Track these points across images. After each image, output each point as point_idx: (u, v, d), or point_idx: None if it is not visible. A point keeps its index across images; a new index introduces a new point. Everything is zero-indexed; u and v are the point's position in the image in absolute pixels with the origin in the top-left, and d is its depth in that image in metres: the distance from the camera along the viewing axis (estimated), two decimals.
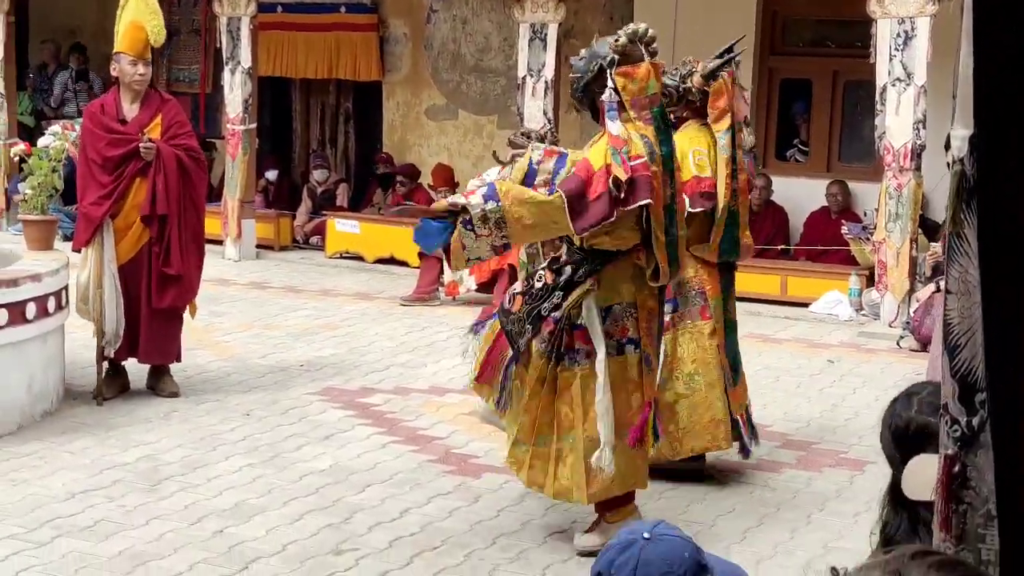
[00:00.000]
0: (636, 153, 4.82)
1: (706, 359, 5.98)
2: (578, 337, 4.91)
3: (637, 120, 4.91)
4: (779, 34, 12.16)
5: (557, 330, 4.92)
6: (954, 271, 1.85)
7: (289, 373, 7.93)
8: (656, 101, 4.99)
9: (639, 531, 2.62)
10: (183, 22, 14.93)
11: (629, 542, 2.59)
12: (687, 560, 2.56)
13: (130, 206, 7.06)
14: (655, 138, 4.94)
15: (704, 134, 6.08)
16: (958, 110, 1.83)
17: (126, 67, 7.04)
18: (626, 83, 4.90)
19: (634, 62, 4.95)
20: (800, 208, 11.64)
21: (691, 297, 6.01)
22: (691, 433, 5.97)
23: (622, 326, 4.96)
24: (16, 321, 6.44)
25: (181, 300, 7.26)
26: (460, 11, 13.42)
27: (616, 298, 4.95)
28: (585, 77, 4.97)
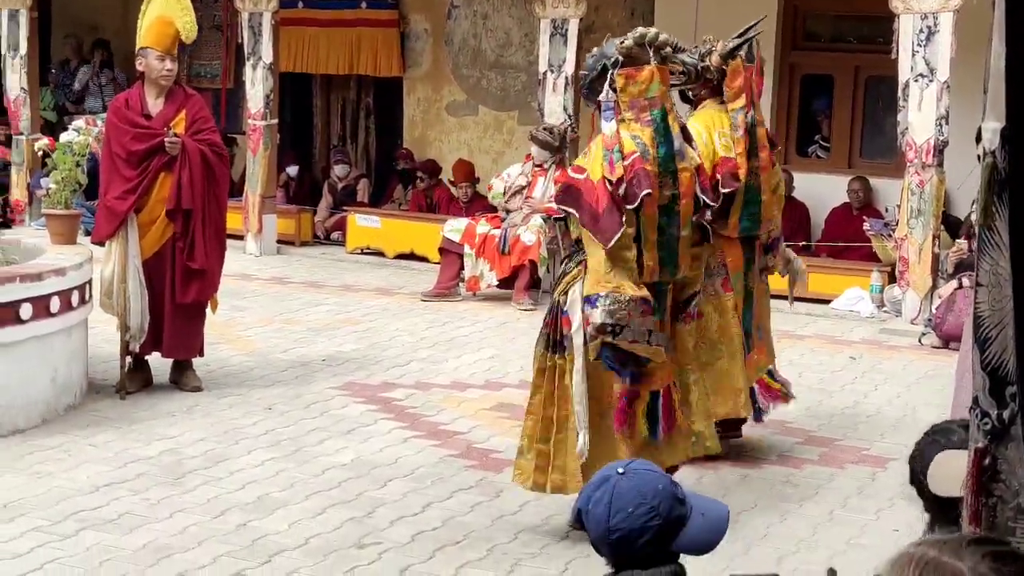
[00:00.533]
0: (629, 150, 4.89)
1: (728, 331, 6.16)
2: (564, 324, 4.99)
3: (633, 122, 4.97)
4: (800, 29, 12.13)
5: (552, 318, 5.03)
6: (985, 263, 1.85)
7: (311, 368, 7.95)
8: (657, 104, 5.01)
9: (615, 467, 2.68)
10: (205, 18, 14.91)
11: (605, 478, 2.66)
12: (661, 492, 2.61)
13: (154, 201, 7.09)
14: (651, 140, 4.98)
15: (723, 114, 6.17)
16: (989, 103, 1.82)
17: (153, 62, 7.07)
18: (627, 84, 4.97)
19: (638, 65, 4.98)
20: (821, 204, 11.62)
21: (714, 269, 6.14)
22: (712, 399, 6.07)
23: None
24: (40, 315, 6.47)
25: (204, 295, 7.29)
26: (481, 7, 13.43)
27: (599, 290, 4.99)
28: (591, 75, 5.08)
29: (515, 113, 13.32)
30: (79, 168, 7.42)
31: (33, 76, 13.47)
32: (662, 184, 5.01)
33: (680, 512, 2.63)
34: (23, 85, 13.29)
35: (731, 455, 6.42)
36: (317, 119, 14.78)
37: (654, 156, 4.97)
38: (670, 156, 5.00)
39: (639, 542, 2.59)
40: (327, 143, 14.70)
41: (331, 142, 14.65)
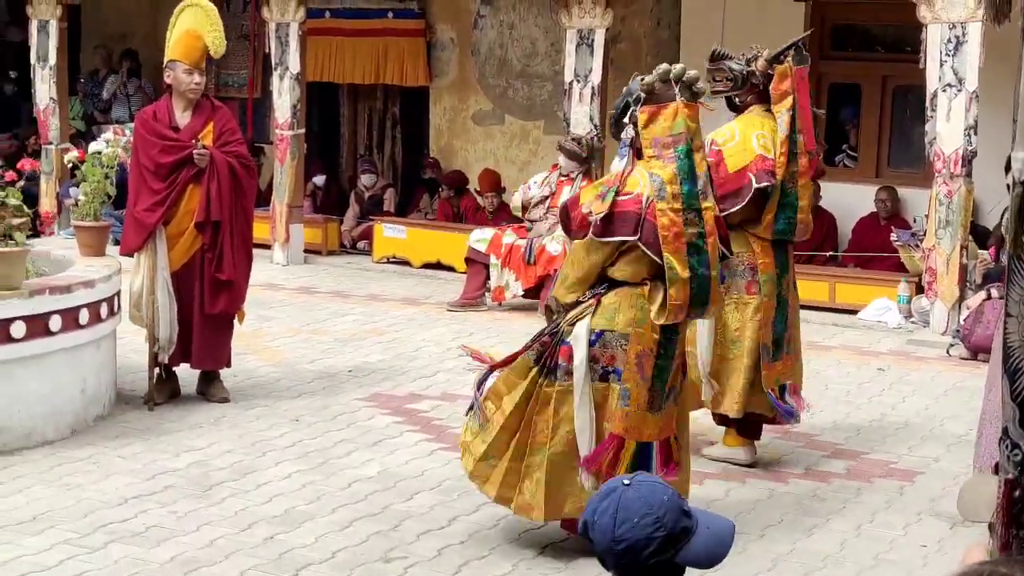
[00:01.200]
0: (629, 190, 4.91)
1: (745, 331, 6.22)
2: (563, 353, 4.94)
3: (656, 159, 4.94)
4: (828, 39, 12.10)
5: (551, 345, 4.98)
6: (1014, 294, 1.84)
7: (337, 379, 7.97)
8: (682, 140, 4.95)
9: (620, 479, 2.69)
10: (232, 27, 14.97)
11: (611, 489, 2.66)
12: (667, 503, 2.61)
13: (183, 213, 7.13)
14: (672, 177, 4.92)
15: (767, 119, 6.24)
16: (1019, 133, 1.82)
17: (181, 75, 7.11)
18: (649, 122, 4.94)
19: (662, 102, 4.96)
20: (849, 214, 11.58)
21: (739, 272, 6.23)
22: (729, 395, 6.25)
23: (610, 354, 4.97)
24: (70, 327, 6.52)
25: (232, 306, 7.32)
26: (507, 16, 13.45)
27: (610, 325, 4.96)
28: (616, 113, 5.13)
29: (541, 123, 13.33)
30: (108, 180, 7.46)
31: (62, 86, 13.54)
32: (687, 222, 4.95)
33: (686, 524, 2.63)
34: (52, 95, 13.37)
35: (758, 468, 6.41)
36: (344, 128, 14.83)
37: (675, 193, 4.92)
38: (694, 194, 4.94)
39: (644, 553, 2.59)
40: (354, 152, 14.74)
41: (358, 151, 14.69)
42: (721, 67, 6.27)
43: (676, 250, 4.90)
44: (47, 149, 13.43)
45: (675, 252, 4.90)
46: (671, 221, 4.91)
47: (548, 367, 4.98)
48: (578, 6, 10.89)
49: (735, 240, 6.12)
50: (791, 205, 6.21)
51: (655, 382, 5.04)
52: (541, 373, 4.99)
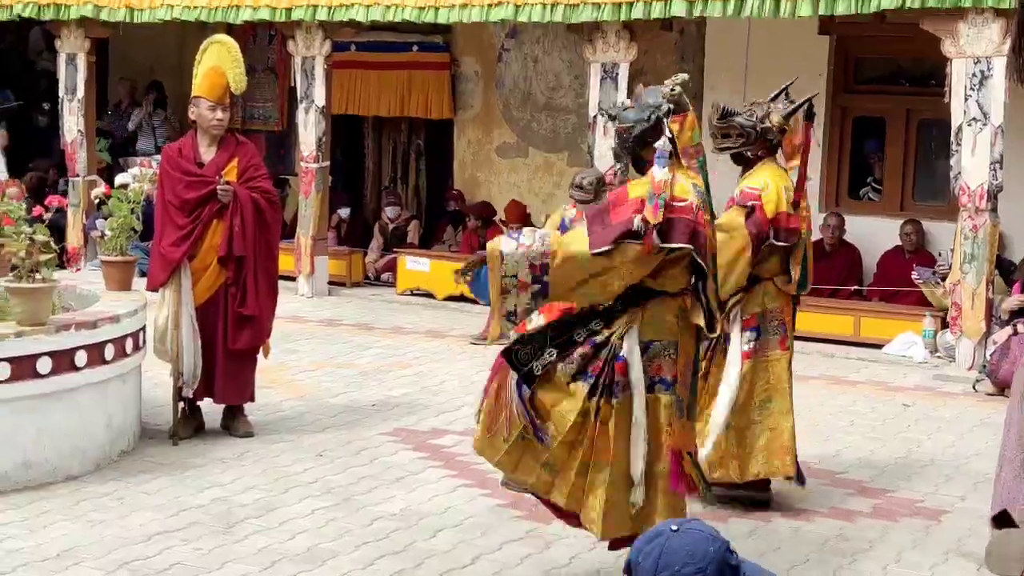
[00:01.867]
0: (679, 195, 4.78)
1: (780, 387, 6.17)
2: (619, 369, 4.81)
3: (689, 169, 4.91)
4: (852, 72, 12.09)
5: (604, 361, 4.81)
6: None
7: (361, 413, 7.97)
8: (700, 152, 4.97)
9: (669, 523, 2.65)
10: (258, 61, 15.16)
11: (658, 532, 2.63)
12: (711, 554, 2.57)
13: (207, 248, 7.16)
14: (705, 187, 4.92)
15: (782, 172, 6.24)
16: None
17: (205, 112, 7.15)
18: (679, 132, 4.88)
19: (683, 111, 4.93)
20: (874, 247, 11.54)
21: (772, 328, 6.19)
22: (757, 458, 6.17)
23: (657, 364, 4.86)
24: (95, 362, 6.53)
25: (256, 340, 7.34)
26: (531, 50, 13.49)
27: (657, 335, 4.84)
28: (636, 128, 4.90)
29: (565, 155, 13.35)
30: (134, 215, 7.49)
31: (90, 119, 13.66)
32: (712, 231, 4.98)
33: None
34: (80, 128, 13.48)
35: (782, 507, 6.36)
36: (368, 160, 14.90)
37: (708, 203, 4.95)
38: (710, 203, 5.00)
39: None
40: (378, 185, 14.80)
41: (382, 183, 14.75)
42: (732, 124, 6.25)
43: (712, 263, 4.91)
44: (74, 182, 13.53)
45: (711, 265, 4.89)
46: (712, 233, 4.95)
47: (604, 385, 4.81)
48: (602, 40, 10.92)
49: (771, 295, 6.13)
50: (806, 257, 6.25)
51: (694, 391, 5.06)
52: (596, 392, 4.82)
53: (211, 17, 12.41)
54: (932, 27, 9.51)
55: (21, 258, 6.30)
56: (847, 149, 12.12)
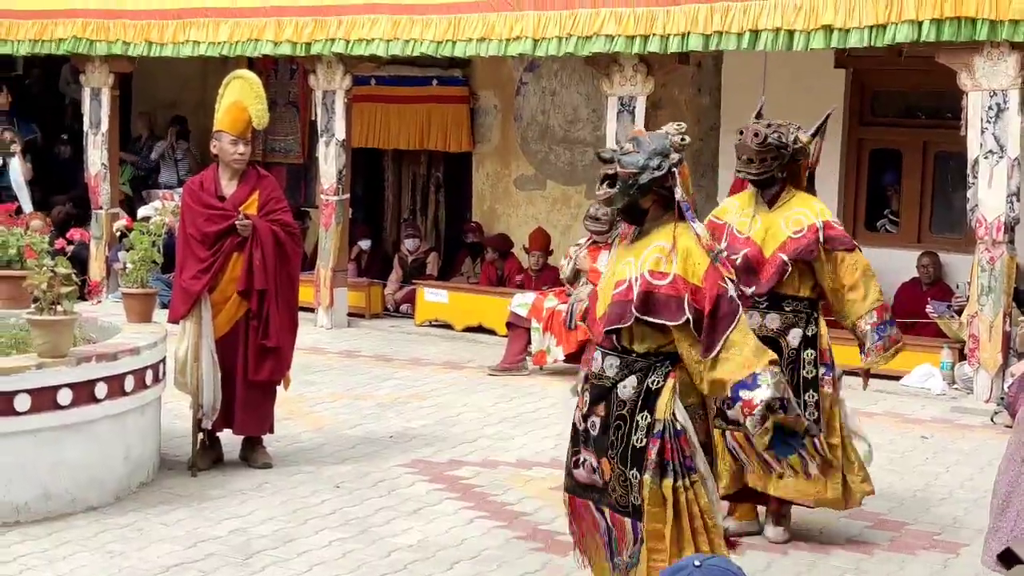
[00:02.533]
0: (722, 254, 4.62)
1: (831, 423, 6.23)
2: (684, 443, 4.45)
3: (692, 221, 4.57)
4: (868, 105, 12.09)
5: (668, 441, 4.44)
6: None
7: (379, 444, 7.96)
8: (692, 204, 4.62)
9: (693, 559, 2.62)
10: (280, 94, 15.24)
11: (680, 567, 2.59)
12: None
13: (227, 280, 7.18)
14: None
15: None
16: None
17: (226, 146, 7.19)
18: (682, 183, 4.54)
19: (683, 161, 4.63)
20: (890, 279, 11.46)
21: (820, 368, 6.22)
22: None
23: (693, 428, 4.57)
24: (115, 394, 6.55)
25: (278, 372, 7.34)
26: (549, 83, 13.53)
27: (687, 399, 4.54)
28: (644, 176, 4.49)
29: (582, 187, 13.35)
30: (155, 248, 7.53)
31: (114, 152, 13.76)
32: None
33: None
34: (103, 161, 13.56)
35: (800, 540, 6.31)
36: (388, 193, 14.93)
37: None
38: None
39: None
40: (398, 217, 14.83)
41: (401, 216, 14.78)
42: (769, 146, 6.08)
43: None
44: (97, 214, 13.61)
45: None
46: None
47: (680, 465, 4.45)
48: (619, 74, 10.94)
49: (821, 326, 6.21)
50: None
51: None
52: (666, 476, 4.43)
53: (232, 51, 12.50)
54: (948, 60, 9.51)
55: (43, 290, 6.33)
56: (864, 181, 12.09)
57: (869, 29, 9.43)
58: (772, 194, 6.23)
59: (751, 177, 6.19)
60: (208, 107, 7.94)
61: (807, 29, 9.67)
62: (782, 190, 6.21)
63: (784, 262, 6.06)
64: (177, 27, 12.69)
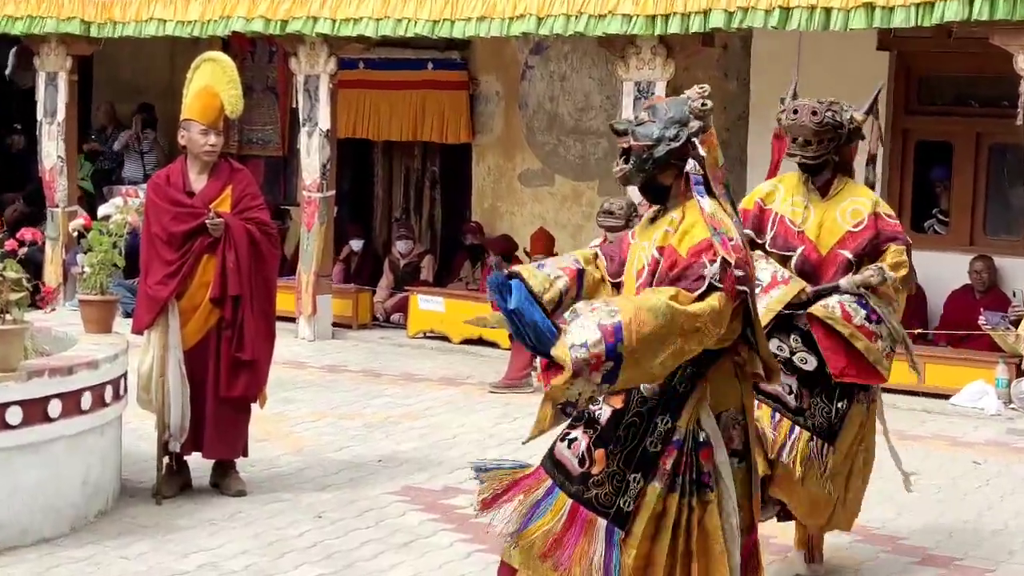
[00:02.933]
0: (729, 235, 4.45)
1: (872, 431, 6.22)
2: (704, 457, 4.45)
3: (721, 197, 4.56)
4: (915, 92, 12.09)
5: (686, 454, 4.43)
6: None
7: (366, 469, 7.97)
8: (725, 175, 4.62)
9: None
10: (257, 79, 15.28)
11: None
12: None
13: (197, 285, 7.18)
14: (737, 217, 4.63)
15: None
16: None
17: (196, 136, 7.20)
18: (708, 153, 4.50)
19: (708, 128, 4.56)
20: (939, 286, 11.48)
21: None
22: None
23: (728, 436, 4.56)
24: (71, 412, 6.55)
25: (253, 388, 7.35)
26: (558, 67, 13.55)
27: (724, 404, 4.54)
28: (660, 147, 4.48)
29: (595, 183, 13.37)
30: (116, 249, 7.53)
31: (71, 144, 13.78)
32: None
33: None
34: (60, 154, 13.59)
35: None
36: (378, 189, 14.96)
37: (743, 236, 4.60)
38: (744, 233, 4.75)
39: None
40: (388, 216, 14.86)
41: (393, 215, 14.80)
42: (827, 125, 6.06)
43: (755, 304, 4.59)
44: (52, 212, 13.63)
45: (755, 307, 4.58)
46: (753, 270, 4.66)
47: (691, 482, 4.43)
48: (636, 56, 10.95)
49: None
50: None
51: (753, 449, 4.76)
52: (683, 493, 4.43)
53: (204, 31, 12.51)
54: (1003, 41, 9.51)
55: None
56: (909, 177, 12.09)
57: (916, 7, 9.44)
58: (824, 180, 6.18)
59: (808, 161, 6.12)
60: (177, 93, 7.95)
61: (846, 7, 9.68)
62: (834, 177, 6.18)
63: (849, 261, 6.05)
64: (141, 4, 12.71)
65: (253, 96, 15.22)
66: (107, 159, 15.51)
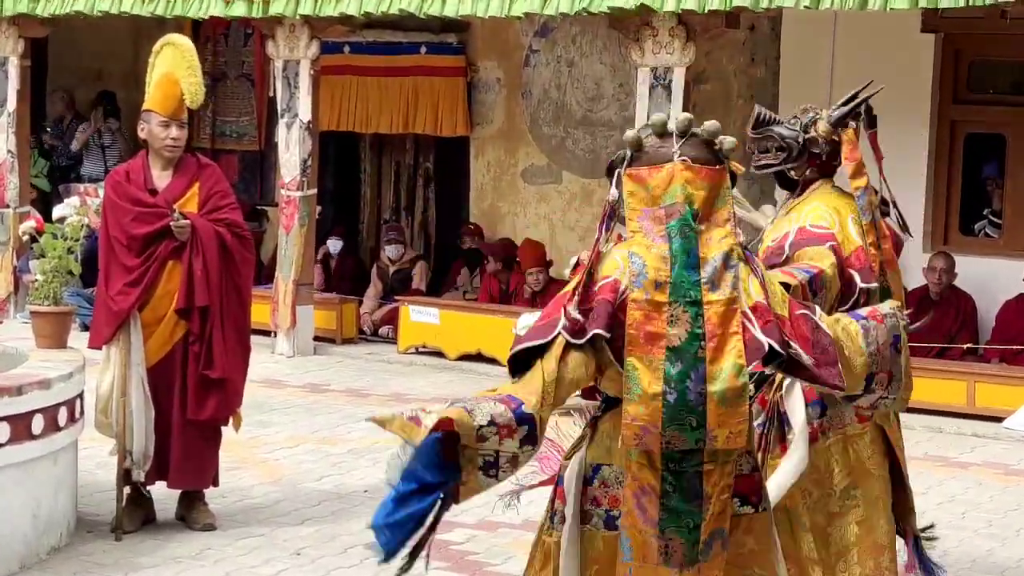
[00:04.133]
0: (605, 274, 4.47)
1: (865, 469, 6.00)
2: (559, 496, 4.61)
3: (640, 235, 4.49)
4: (964, 78, 12.08)
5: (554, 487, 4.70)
6: None
7: (350, 501, 7.96)
8: (675, 214, 4.48)
9: None
10: (232, 65, 15.32)
11: None
12: None
13: (161, 295, 7.18)
14: (660, 259, 4.47)
15: (845, 198, 6.16)
16: None
17: (156, 129, 7.20)
18: (635, 188, 4.48)
19: (654, 162, 4.51)
20: (992, 296, 11.48)
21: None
22: (846, 560, 5.96)
23: (612, 495, 4.54)
24: (20, 437, 6.54)
25: (224, 410, 7.35)
26: (566, 52, 13.56)
27: (607, 458, 4.54)
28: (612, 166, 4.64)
29: (607, 180, 13.32)
30: (71, 255, 7.53)
31: (23, 137, 13.81)
32: (672, 319, 4.59)
33: None
34: (10, 148, 13.61)
35: None
36: (365, 188, 14.98)
37: (659, 281, 4.44)
38: (692, 282, 4.49)
39: None
40: (377, 218, 14.87)
41: (382, 216, 14.81)
42: (769, 134, 6.12)
43: (646, 355, 4.44)
44: (3, 213, 13.64)
45: (643, 357, 4.45)
46: (645, 317, 4.44)
47: (551, 511, 4.65)
48: (652, 40, 10.93)
49: None
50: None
51: (667, 529, 4.55)
52: (548, 519, 4.65)
53: (169, 11, 12.44)
54: None
55: None
56: (958, 174, 12.08)
57: None
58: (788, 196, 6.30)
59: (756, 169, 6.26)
60: (140, 79, 7.97)
61: None
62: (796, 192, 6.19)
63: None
64: None
65: (226, 83, 15.32)
66: (63, 155, 15.52)
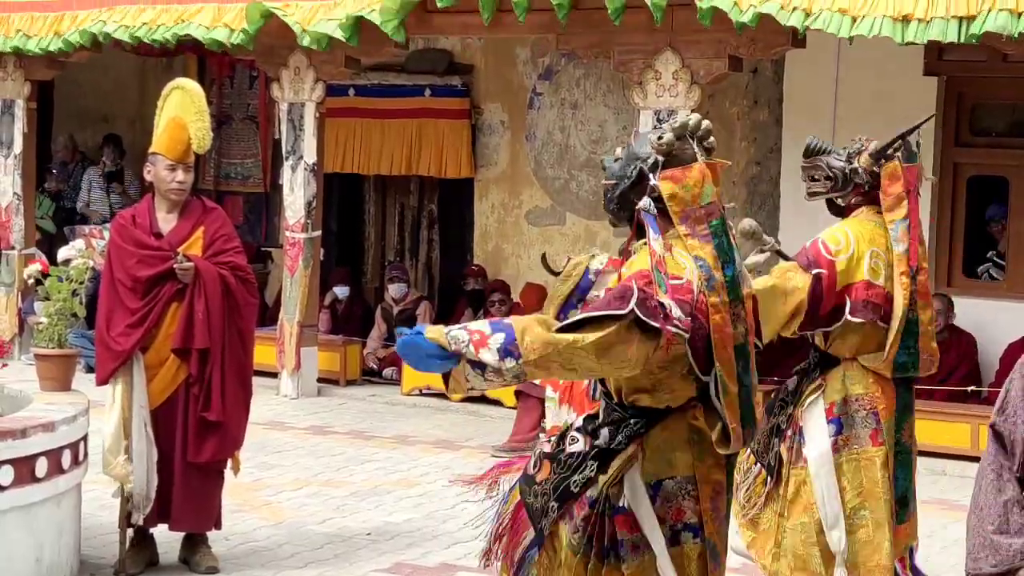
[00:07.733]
0: (674, 273, 4.52)
1: (875, 492, 6.11)
2: (620, 524, 4.56)
3: (690, 237, 4.62)
4: (966, 121, 12.09)
5: (595, 516, 4.59)
6: None
7: (354, 544, 7.95)
8: (715, 212, 4.66)
9: None
10: (237, 107, 15.35)
11: None
12: None
13: (163, 337, 7.19)
14: (714, 260, 4.62)
15: (880, 231, 6.23)
16: None
17: (162, 172, 7.22)
18: (675, 190, 4.60)
19: (684, 163, 4.67)
20: (995, 338, 11.44)
21: (860, 418, 6.16)
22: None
23: (676, 507, 4.60)
24: (24, 480, 6.53)
25: (223, 452, 7.34)
26: (569, 94, 13.57)
27: (668, 471, 4.59)
28: (621, 184, 4.71)
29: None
30: (76, 297, 7.53)
31: (29, 179, 13.85)
32: (735, 318, 4.62)
33: None
34: (16, 190, 13.63)
35: None
36: (369, 230, 14.97)
37: (721, 281, 4.60)
38: (738, 280, 4.66)
39: None
40: (381, 259, 14.86)
41: (386, 257, 14.81)
42: (818, 164, 6.33)
43: (727, 359, 4.57)
44: (8, 255, 13.65)
45: (725, 361, 4.57)
46: (723, 320, 4.58)
47: (603, 548, 4.60)
48: (655, 82, 10.95)
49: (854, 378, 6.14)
50: (911, 333, 6.18)
51: (724, 525, 4.79)
52: (589, 556, 4.60)
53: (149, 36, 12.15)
54: None
55: None
56: (960, 216, 12.06)
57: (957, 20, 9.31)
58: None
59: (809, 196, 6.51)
60: (147, 124, 7.98)
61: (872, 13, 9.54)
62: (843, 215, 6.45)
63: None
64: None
65: (232, 126, 15.34)
66: (69, 198, 15.53)
